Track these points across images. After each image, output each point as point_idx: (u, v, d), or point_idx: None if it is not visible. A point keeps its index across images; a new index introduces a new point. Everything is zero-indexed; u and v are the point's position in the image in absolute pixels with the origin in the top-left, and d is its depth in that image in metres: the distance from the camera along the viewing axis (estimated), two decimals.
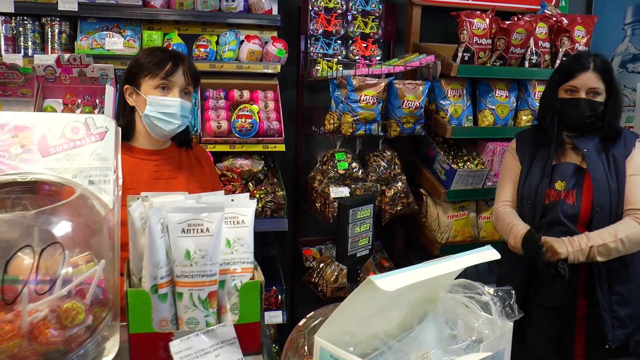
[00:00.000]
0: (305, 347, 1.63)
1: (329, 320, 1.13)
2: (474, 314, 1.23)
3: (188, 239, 1.05)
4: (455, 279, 1.35)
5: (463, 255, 1.25)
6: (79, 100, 2.87)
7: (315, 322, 1.70)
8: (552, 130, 2.35)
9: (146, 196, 1.12)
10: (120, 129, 1.15)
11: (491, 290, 1.22)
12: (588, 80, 2.26)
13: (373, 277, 1.05)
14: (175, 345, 1.01)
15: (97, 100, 2.88)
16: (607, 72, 2.29)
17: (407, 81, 3.14)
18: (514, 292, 1.21)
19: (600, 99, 2.28)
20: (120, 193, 1.09)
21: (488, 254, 1.28)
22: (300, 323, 1.73)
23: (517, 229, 2.27)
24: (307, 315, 1.75)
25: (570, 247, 2.14)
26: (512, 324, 1.23)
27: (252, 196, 2.95)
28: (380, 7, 3.35)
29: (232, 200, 1.16)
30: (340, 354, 1.08)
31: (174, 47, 2.88)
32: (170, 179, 2.03)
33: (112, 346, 1.00)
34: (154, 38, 2.93)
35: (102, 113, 2.78)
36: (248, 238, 1.15)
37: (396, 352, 1.17)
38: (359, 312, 1.15)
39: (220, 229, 1.07)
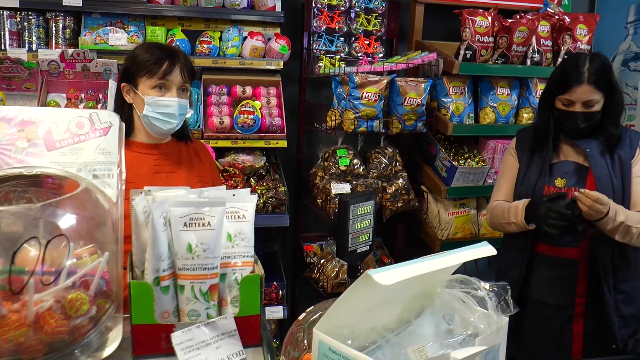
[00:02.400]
0: (305, 341, 1.65)
1: (328, 313, 1.15)
2: (470, 309, 1.25)
3: (190, 232, 1.07)
4: (454, 274, 1.37)
5: (460, 251, 1.27)
6: (83, 95, 2.90)
7: (315, 317, 1.72)
8: (549, 132, 2.35)
9: (149, 190, 1.14)
10: (124, 124, 1.18)
11: (487, 286, 1.24)
12: (583, 94, 2.21)
13: (370, 271, 1.07)
14: (176, 337, 1.03)
15: (101, 95, 2.90)
16: (604, 78, 2.23)
17: (409, 78, 3.15)
18: (509, 287, 1.23)
19: (597, 107, 2.25)
20: (123, 187, 1.11)
21: (484, 250, 1.29)
22: (300, 317, 1.75)
23: (517, 204, 2.28)
24: (307, 310, 1.77)
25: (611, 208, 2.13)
26: (507, 319, 1.25)
27: (253, 192, 2.98)
28: (384, 4, 3.36)
29: (234, 195, 1.18)
30: (338, 347, 1.10)
31: (177, 43, 2.90)
32: (171, 173, 2.05)
33: (115, 337, 1.02)
34: (157, 34, 2.95)
35: (105, 108, 2.80)
36: (249, 232, 1.18)
37: (393, 345, 1.19)
38: (357, 305, 1.17)
39: (221, 223, 1.09)
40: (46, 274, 0.95)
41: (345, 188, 3.12)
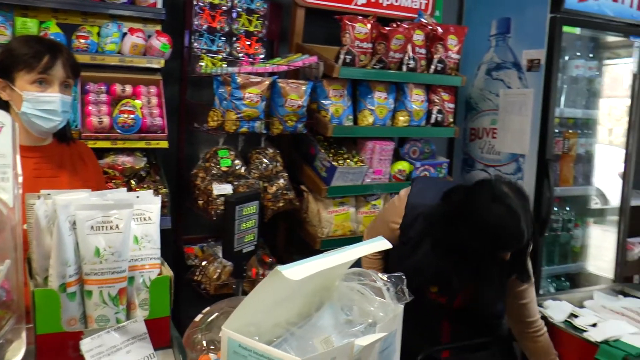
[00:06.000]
0: (204, 342, 1.66)
1: (236, 312, 1.18)
2: (368, 300, 1.34)
3: (98, 236, 1.04)
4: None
5: (359, 245, 1.36)
6: None
7: (212, 318, 1.73)
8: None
9: (48, 194, 1.09)
10: (17, 124, 1.11)
11: (385, 277, 1.33)
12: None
13: (280, 267, 1.12)
14: (86, 344, 1.00)
15: None
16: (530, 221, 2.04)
17: (291, 80, 3.21)
18: (404, 277, 1.33)
19: None
20: (20, 191, 1.06)
21: (380, 244, 1.39)
22: (197, 319, 1.75)
23: None
24: (203, 311, 1.77)
25: None
26: (402, 306, 1.35)
27: None
28: (265, 6, 3.40)
29: (137, 197, 1.16)
30: (248, 343, 1.13)
31: (52, 37, 2.73)
32: (53, 178, 1.94)
33: (18, 349, 0.97)
34: (28, 26, 2.74)
35: None
36: (155, 234, 1.17)
37: (298, 338, 1.24)
38: (263, 303, 1.21)
39: (129, 226, 1.08)
40: None
41: (227, 189, 3.12)
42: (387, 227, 2.36)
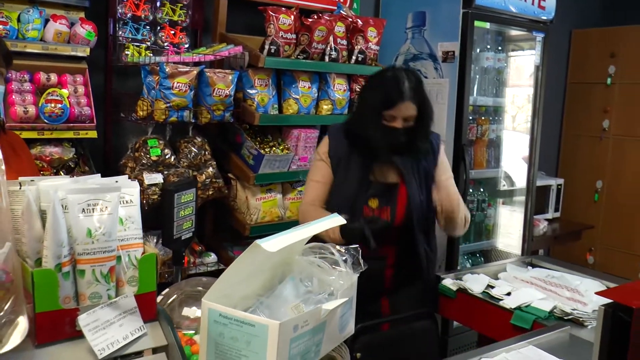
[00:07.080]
0: None
1: (216, 284, 1.28)
2: (327, 271, 1.48)
3: (90, 218, 1.11)
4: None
5: (317, 222, 1.49)
6: None
7: (173, 299, 1.81)
8: (383, 153, 2.39)
9: (32, 180, 1.13)
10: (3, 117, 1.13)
11: (343, 249, 1.48)
12: (406, 110, 2.30)
13: (258, 241, 1.23)
14: (83, 319, 1.07)
15: None
16: (420, 93, 2.35)
17: (218, 70, 3.26)
18: (360, 249, 1.48)
19: (412, 122, 2.37)
20: (4, 177, 1.09)
21: (336, 220, 1.54)
22: (157, 300, 1.82)
23: (334, 230, 2.23)
24: (162, 293, 1.85)
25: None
26: (357, 275, 1.51)
27: None
28: None
29: (116, 181, 1.22)
30: (229, 311, 1.24)
31: None
32: None
33: (20, 329, 1.01)
34: None
35: None
36: (137, 216, 1.24)
37: (268, 306, 1.37)
38: (240, 275, 1.31)
39: (117, 208, 1.15)
40: None
41: (157, 178, 3.14)
42: (318, 165, 2.60)
